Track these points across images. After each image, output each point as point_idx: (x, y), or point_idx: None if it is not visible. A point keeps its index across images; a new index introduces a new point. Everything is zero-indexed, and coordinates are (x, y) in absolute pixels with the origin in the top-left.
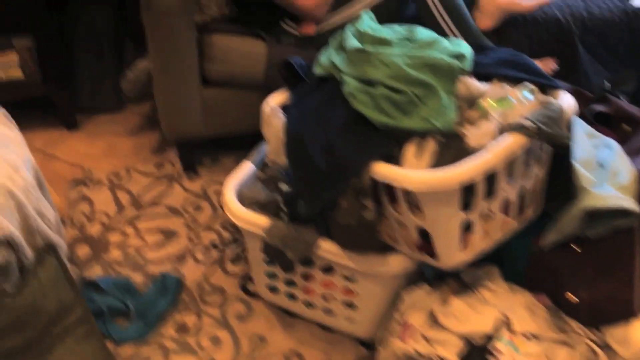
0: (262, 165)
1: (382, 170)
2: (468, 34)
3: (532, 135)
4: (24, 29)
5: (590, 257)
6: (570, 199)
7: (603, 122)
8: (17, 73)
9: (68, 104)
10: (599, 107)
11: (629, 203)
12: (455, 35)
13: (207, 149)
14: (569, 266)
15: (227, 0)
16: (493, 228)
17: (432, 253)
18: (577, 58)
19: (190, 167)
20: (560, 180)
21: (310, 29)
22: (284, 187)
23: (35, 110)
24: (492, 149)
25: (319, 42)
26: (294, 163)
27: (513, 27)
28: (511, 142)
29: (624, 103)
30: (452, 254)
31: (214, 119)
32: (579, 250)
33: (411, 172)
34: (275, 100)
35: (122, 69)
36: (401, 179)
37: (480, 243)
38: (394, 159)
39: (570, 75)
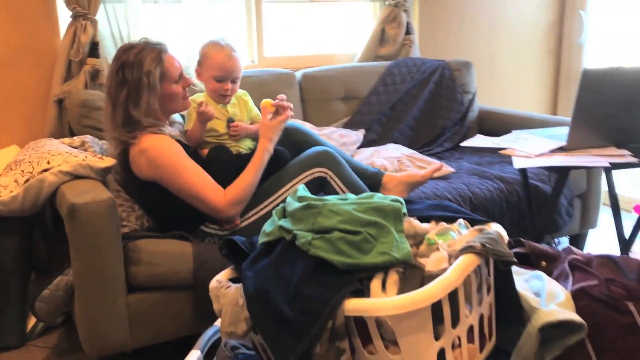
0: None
1: (355, 305)
2: None
3: (481, 252)
4: None
5: None
6: (516, 327)
7: (522, 262)
8: None
9: None
10: (516, 249)
11: (576, 316)
12: None
13: None
14: None
15: (145, 213)
16: (462, 358)
17: None
18: None
19: None
20: (503, 310)
21: (236, 222)
22: None
23: None
24: (450, 269)
25: (243, 236)
26: (260, 321)
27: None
28: (465, 261)
29: (535, 244)
30: None
31: (140, 326)
32: None
33: (383, 299)
34: (221, 277)
35: (25, 303)
36: (375, 308)
37: None
38: (362, 295)
39: None
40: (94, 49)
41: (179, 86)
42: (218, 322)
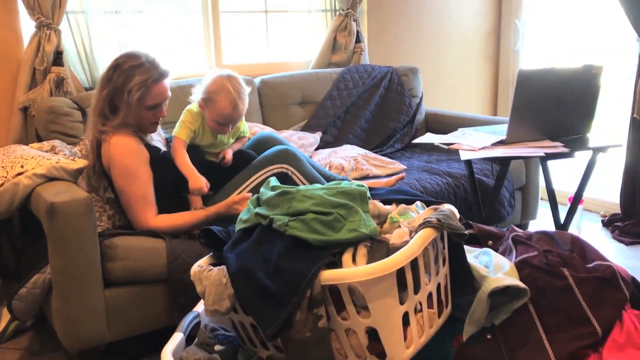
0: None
1: (330, 275)
2: None
3: (437, 226)
4: None
5: (503, 338)
6: (468, 295)
7: (472, 242)
8: None
9: None
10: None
11: (520, 282)
12: None
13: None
14: (489, 353)
15: (118, 212)
16: (423, 321)
17: (382, 354)
18: None
19: None
20: (457, 280)
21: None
22: (219, 347)
23: None
24: (411, 241)
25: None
26: (245, 296)
27: None
28: (424, 233)
29: (483, 226)
30: (399, 349)
31: (117, 320)
32: (490, 337)
33: (355, 268)
34: (201, 262)
35: None
36: (348, 276)
37: (418, 338)
38: (336, 267)
39: None
40: (58, 58)
41: (150, 114)
42: (197, 307)
